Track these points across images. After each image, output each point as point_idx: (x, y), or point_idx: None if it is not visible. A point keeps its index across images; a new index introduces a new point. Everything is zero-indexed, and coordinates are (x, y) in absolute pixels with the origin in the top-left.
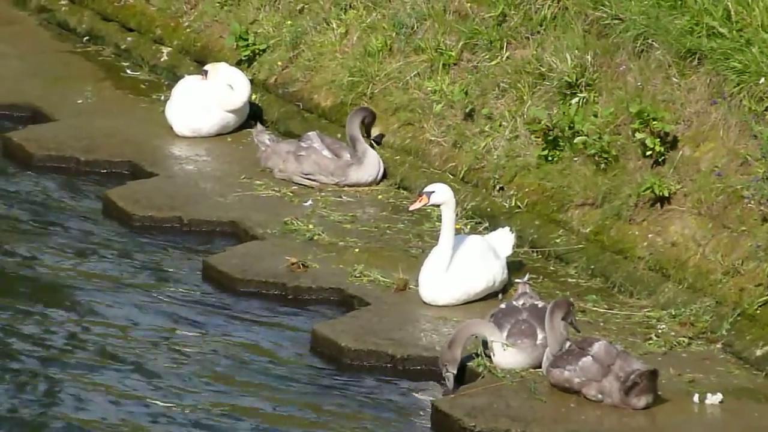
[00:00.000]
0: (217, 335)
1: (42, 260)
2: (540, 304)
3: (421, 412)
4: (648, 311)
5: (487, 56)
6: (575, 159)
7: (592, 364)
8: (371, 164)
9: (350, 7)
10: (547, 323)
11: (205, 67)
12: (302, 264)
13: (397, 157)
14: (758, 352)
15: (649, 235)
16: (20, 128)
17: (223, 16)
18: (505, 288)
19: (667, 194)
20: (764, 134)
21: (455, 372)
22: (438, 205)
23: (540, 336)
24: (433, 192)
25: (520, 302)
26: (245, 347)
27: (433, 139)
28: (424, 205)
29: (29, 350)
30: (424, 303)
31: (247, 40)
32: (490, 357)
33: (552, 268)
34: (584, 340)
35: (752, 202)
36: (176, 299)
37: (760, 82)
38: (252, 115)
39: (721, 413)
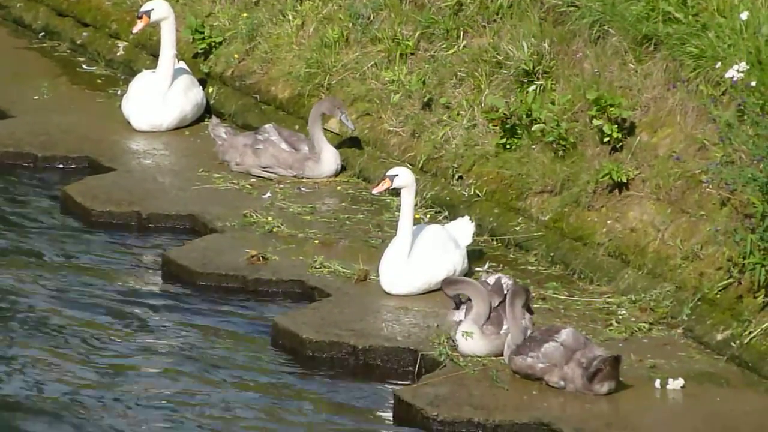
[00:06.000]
0: (176, 329)
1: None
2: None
3: (384, 403)
4: (608, 297)
5: (444, 45)
6: (533, 147)
7: (556, 350)
8: (328, 160)
9: None
10: (508, 313)
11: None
12: (262, 256)
13: (356, 148)
14: (719, 337)
15: (608, 222)
16: None
17: (179, 10)
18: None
19: (625, 180)
20: (722, 118)
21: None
22: (399, 189)
23: (505, 325)
24: (397, 175)
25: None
26: (205, 341)
27: (391, 129)
28: (387, 189)
29: None
30: (385, 293)
31: (203, 33)
32: (454, 343)
33: (512, 256)
34: (549, 327)
35: (710, 186)
36: (136, 294)
37: (717, 66)
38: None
39: (683, 398)
